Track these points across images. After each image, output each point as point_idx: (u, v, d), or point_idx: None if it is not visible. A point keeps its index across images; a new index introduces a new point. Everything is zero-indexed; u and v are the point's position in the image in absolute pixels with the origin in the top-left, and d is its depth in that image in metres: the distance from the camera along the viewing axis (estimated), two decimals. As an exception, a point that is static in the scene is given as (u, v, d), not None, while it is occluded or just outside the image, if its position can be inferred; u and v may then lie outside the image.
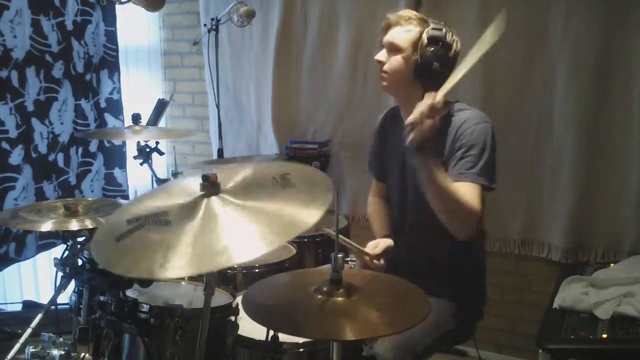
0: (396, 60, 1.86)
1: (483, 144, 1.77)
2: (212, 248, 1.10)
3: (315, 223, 1.13)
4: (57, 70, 2.93)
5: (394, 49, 1.87)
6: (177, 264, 1.07)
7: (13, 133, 2.71)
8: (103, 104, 3.26)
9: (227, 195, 1.24)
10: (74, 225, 1.79)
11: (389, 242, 1.96)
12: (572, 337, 1.77)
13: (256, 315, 1.29)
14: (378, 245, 1.93)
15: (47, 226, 1.79)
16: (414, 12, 1.91)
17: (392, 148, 2.03)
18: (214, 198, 1.23)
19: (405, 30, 1.86)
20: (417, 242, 1.96)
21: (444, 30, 1.83)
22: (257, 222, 1.15)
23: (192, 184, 1.28)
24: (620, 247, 2.53)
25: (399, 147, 1.98)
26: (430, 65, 1.81)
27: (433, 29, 1.83)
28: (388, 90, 1.95)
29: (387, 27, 1.91)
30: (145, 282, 1.54)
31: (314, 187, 1.25)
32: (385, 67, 1.88)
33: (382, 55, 1.90)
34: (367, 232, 3.08)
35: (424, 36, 1.82)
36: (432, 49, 1.81)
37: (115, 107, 3.31)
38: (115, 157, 3.34)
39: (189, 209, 1.21)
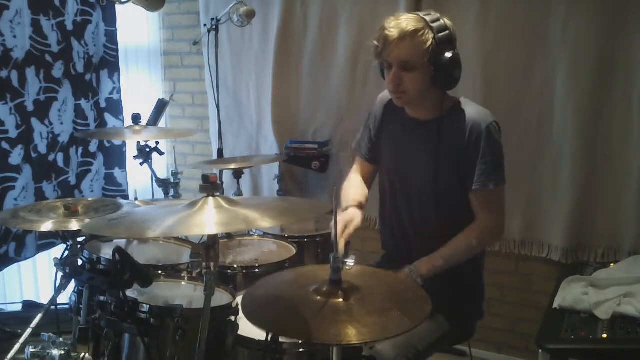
0: (414, 78, 1.79)
1: (495, 147, 1.82)
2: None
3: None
4: (57, 70, 2.93)
5: (407, 67, 1.78)
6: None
7: (13, 133, 2.71)
8: (103, 104, 3.26)
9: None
10: (74, 225, 1.78)
11: (356, 221, 1.89)
12: (572, 337, 1.77)
13: (255, 318, 1.29)
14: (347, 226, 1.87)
15: (47, 226, 1.78)
16: (411, 17, 1.78)
17: (388, 139, 2.03)
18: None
19: (414, 44, 1.75)
20: (414, 237, 1.97)
21: (444, 23, 1.78)
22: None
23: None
24: (620, 247, 2.53)
25: (395, 141, 1.99)
26: (451, 73, 1.79)
27: (438, 30, 1.75)
28: (403, 104, 1.92)
29: (389, 43, 1.77)
30: (145, 282, 1.54)
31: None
32: (404, 88, 1.81)
33: (395, 75, 1.80)
34: (367, 232, 3.09)
35: (435, 43, 1.75)
36: (448, 55, 1.76)
37: (115, 107, 3.31)
38: (115, 157, 3.34)
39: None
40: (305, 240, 2.38)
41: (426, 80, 1.80)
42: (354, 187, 2.06)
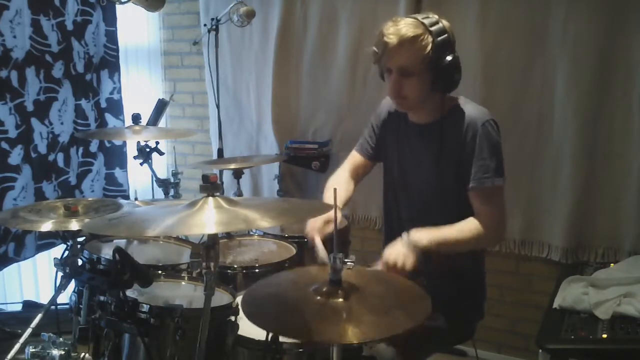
0: (414, 84, 1.78)
1: (491, 145, 1.80)
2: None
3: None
4: (57, 70, 2.93)
5: (407, 73, 1.77)
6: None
7: (13, 133, 2.71)
8: (103, 104, 3.26)
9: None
10: (73, 225, 1.78)
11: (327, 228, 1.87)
12: (572, 337, 1.77)
13: (255, 318, 1.29)
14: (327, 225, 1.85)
15: (47, 226, 1.78)
16: (410, 22, 1.75)
17: (391, 142, 2.03)
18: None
19: (414, 50, 1.73)
20: None
21: (442, 26, 1.76)
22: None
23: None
24: (620, 247, 2.53)
25: (397, 144, 1.99)
26: (452, 76, 1.78)
27: (437, 34, 1.74)
28: (405, 110, 1.92)
29: (388, 49, 1.75)
30: (145, 282, 1.54)
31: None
32: (405, 94, 1.80)
33: (396, 82, 1.79)
34: (367, 232, 3.10)
35: (434, 48, 1.73)
36: (448, 59, 1.74)
37: (115, 107, 3.31)
38: (115, 157, 3.34)
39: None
40: (305, 240, 2.37)
41: (426, 85, 1.79)
42: (336, 187, 2.04)
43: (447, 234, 1.77)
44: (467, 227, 1.79)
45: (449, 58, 1.75)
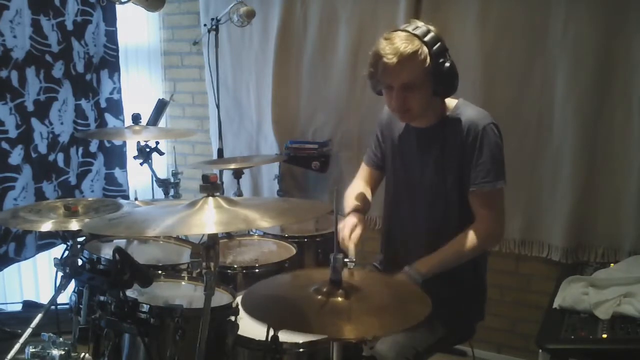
0: (417, 96, 1.79)
1: (493, 148, 1.81)
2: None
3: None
4: (57, 70, 2.93)
5: (409, 87, 1.77)
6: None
7: (13, 133, 2.71)
8: (103, 104, 3.26)
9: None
10: (73, 225, 1.78)
11: (360, 226, 1.90)
12: (572, 337, 1.77)
13: (255, 313, 1.30)
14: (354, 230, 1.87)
15: (47, 226, 1.79)
16: (403, 37, 1.76)
17: (394, 149, 2.03)
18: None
19: (414, 66, 1.74)
20: (418, 240, 1.97)
21: (435, 34, 1.77)
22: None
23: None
24: (620, 247, 2.53)
25: (401, 150, 1.99)
26: (452, 82, 1.80)
27: (432, 44, 1.75)
28: (409, 121, 1.92)
29: (388, 69, 1.75)
30: (145, 282, 1.54)
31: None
32: (409, 106, 1.81)
33: (398, 97, 1.79)
34: (367, 232, 3.09)
35: (431, 57, 1.75)
36: (447, 65, 1.76)
37: (115, 107, 3.31)
38: (115, 157, 3.34)
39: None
40: (305, 240, 2.38)
41: (428, 94, 1.80)
42: (356, 194, 2.05)
43: (447, 255, 1.82)
44: (466, 240, 1.81)
45: (446, 65, 1.77)
